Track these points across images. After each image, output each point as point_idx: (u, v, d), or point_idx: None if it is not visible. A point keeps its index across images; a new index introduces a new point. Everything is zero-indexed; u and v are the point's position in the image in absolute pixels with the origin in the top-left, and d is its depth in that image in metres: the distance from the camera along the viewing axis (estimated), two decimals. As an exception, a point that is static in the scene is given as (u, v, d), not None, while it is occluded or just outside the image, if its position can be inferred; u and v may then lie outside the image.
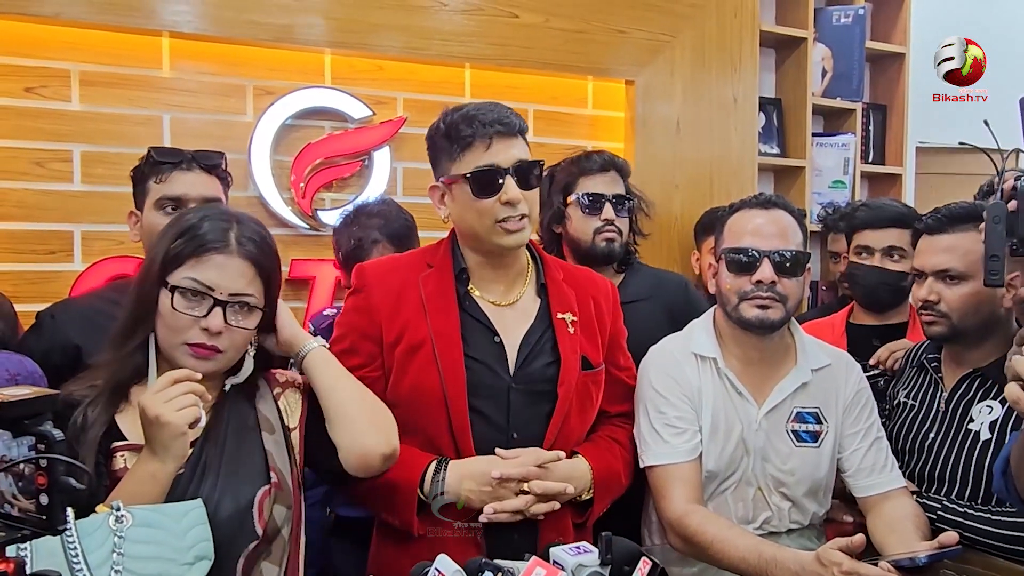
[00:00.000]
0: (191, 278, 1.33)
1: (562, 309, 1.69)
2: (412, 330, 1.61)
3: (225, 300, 1.34)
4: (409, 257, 1.75)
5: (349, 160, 2.77)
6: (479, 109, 1.59)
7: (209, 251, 1.34)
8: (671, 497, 1.69)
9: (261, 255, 1.39)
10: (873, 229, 2.33)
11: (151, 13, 2.43)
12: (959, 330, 1.77)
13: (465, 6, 2.80)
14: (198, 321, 1.33)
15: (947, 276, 1.76)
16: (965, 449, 1.77)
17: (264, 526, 1.33)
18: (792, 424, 1.77)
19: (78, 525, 1.12)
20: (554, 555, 1.35)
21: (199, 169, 1.88)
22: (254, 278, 1.38)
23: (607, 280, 1.84)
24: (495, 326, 1.65)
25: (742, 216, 1.78)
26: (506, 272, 1.68)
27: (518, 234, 1.60)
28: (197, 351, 1.34)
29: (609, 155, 2.33)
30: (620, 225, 2.24)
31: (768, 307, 1.70)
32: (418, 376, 1.60)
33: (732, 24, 3.19)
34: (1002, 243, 1.30)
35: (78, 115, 2.45)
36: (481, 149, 1.57)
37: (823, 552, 1.44)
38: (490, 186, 1.56)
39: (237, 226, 1.39)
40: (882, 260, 2.30)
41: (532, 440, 1.63)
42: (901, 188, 3.73)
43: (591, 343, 1.71)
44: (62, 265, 2.43)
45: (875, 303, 2.36)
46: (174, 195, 1.84)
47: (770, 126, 3.47)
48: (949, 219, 1.76)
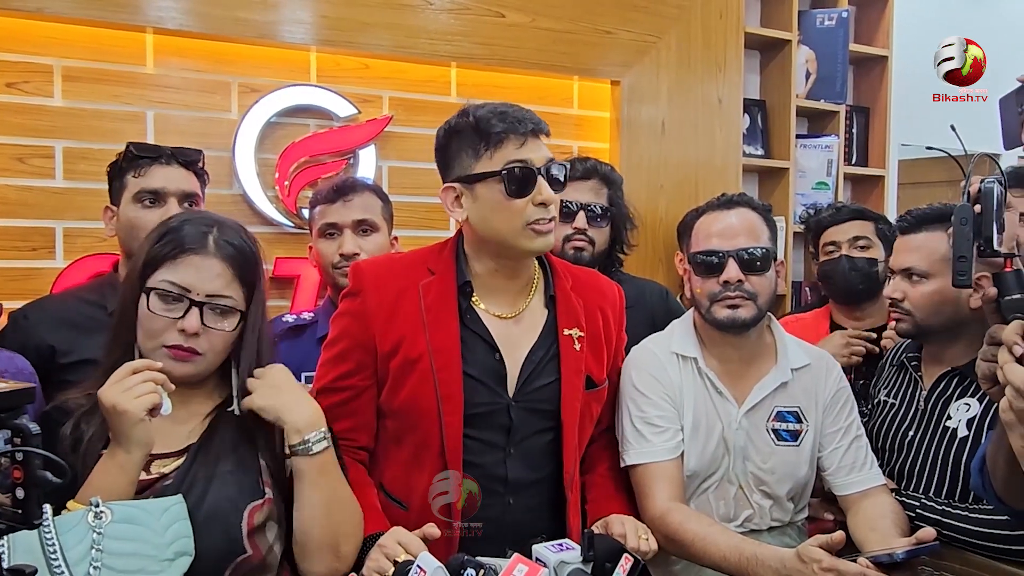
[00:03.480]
0: (167, 280, 1.32)
1: (569, 324, 1.64)
2: (409, 343, 1.56)
3: (202, 301, 1.33)
4: (410, 258, 1.66)
5: (334, 158, 2.76)
6: (507, 106, 1.54)
7: (186, 252, 1.33)
8: (653, 495, 1.70)
9: (240, 256, 1.38)
10: (837, 224, 2.44)
11: (135, 9, 2.42)
12: (923, 328, 1.81)
13: (451, 5, 2.80)
14: (175, 323, 1.32)
15: (912, 274, 1.80)
16: (943, 446, 1.79)
17: (253, 541, 1.31)
18: (772, 423, 1.78)
19: (56, 521, 1.12)
20: (536, 552, 1.36)
21: (177, 164, 1.88)
22: (232, 279, 1.36)
23: (614, 285, 1.80)
24: (497, 342, 1.59)
25: (707, 219, 1.80)
26: (515, 282, 1.63)
27: (547, 236, 1.54)
28: (175, 353, 1.33)
29: (594, 163, 2.32)
30: (593, 235, 2.24)
31: (738, 306, 1.72)
32: (414, 392, 1.56)
33: (717, 26, 3.20)
34: (970, 244, 1.32)
35: (60, 111, 2.43)
36: (514, 146, 1.51)
37: (803, 549, 1.46)
38: (525, 185, 1.50)
39: (217, 229, 1.38)
40: (849, 250, 2.40)
41: (530, 458, 1.61)
42: (883, 190, 3.76)
43: (596, 360, 1.67)
44: (44, 262, 2.41)
45: (851, 293, 2.42)
46: (153, 188, 1.84)
47: (754, 127, 3.49)
48: (920, 219, 1.81)
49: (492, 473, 1.59)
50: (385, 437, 1.64)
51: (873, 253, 2.39)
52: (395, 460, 1.63)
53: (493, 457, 1.59)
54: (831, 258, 2.43)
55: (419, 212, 2.84)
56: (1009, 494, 1.45)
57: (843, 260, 2.39)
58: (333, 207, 2.15)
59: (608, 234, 2.31)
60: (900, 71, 3.76)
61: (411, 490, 1.60)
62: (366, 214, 2.15)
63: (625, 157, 3.19)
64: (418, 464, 1.59)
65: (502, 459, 1.59)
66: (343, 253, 2.10)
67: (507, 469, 1.60)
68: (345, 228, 2.13)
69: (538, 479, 1.63)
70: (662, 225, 3.18)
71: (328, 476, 1.37)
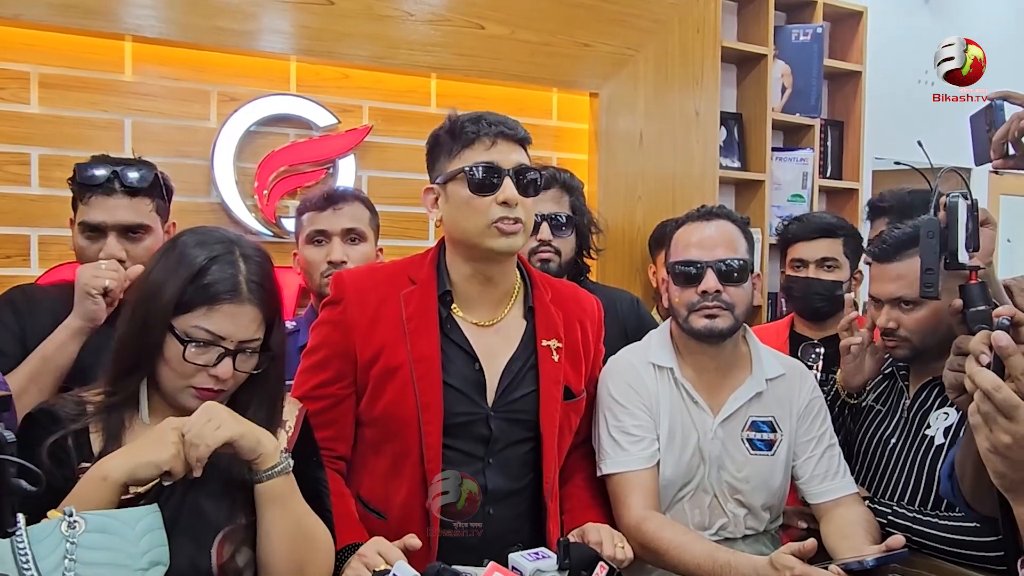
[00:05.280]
0: (203, 328, 1.30)
1: (548, 335, 1.65)
2: (390, 351, 1.57)
3: (236, 350, 1.33)
4: (391, 268, 1.68)
5: (314, 168, 2.77)
6: (486, 113, 1.58)
7: (220, 301, 1.31)
8: (629, 504, 1.71)
9: (268, 296, 1.37)
10: (804, 241, 2.46)
11: (113, 16, 2.41)
12: (920, 351, 1.82)
13: (432, 16, 2.81)
14: (207, 368, 1.31)
15: (902, 303, 1.80)
16: (919, 454, 1.81)
17: (221, 565, 1.30)
18: (747, 433, 1.80)
19: (30, 531, 1.11)
20: (512, 561, 1.37)
21: (121, 193, 1.78)
22: (261, 320, 1.35)
23: (592, 298, 1.82)
24: (476, 351, 1.60)
25: (686, 229, 1.81)
26: (493, 290, 1.63)
27: (511, 238, 1.54)
28: (202, 394, 1.32)
29: (552, 171, 2.31)
30: (559, 245, 2.24)
31: (716, 316, 1.74)
32: (394, 400, 1.56)
33: (694, 40, 3.25)
34: (936, 257, 1.35)
35: (37, 118, 2.41)
36: (483, 147, 1.54)
37: (776, 557, 1.48)
38: (488, 183, 1.52)
39: (244, 266, 1.35)
40: (816, 271, 2.42)
41: (509, 468, 1.61)
42: (858, 202, 3.81)
43: (575, 370, 1.69)
44: (18, 270, 2.39)
45: (813, 313, 2.46)
46: (92, 222, 1.78)
47: (731, 140, 3.53)
48: (895, 246, 1.80)
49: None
50: (363, 446, 1.64)
51: (838, 275, 2.41)
52: (373, 470, 1.63)
53: (472, 467, 1.59)
54: (796, 275, 2.46)
55: (399, 222, 2.85)
56: (976, 499, 1.48)
57: (808, 281, 2.42)
58: (323, 215, 2.16)
59: (574, 242, 2.31)
60: (873, 86, 3.83)
61: (389, 500, 1.60)
62: (355, 223, 2.17)
63: (603, 168, 3.22)
64: (397, 473, 1.59)
65: (481, 469, 1.59)
66: (331, 260, 2.11)
67: (486, 479, 1.60)
68: (334, 236, 2.15)
69: (517, 489, 1.64)
70: (639, 236, 3.20)
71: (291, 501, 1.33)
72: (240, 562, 1.33)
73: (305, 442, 1.45)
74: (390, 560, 1.37)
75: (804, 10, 3.70)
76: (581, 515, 1.69)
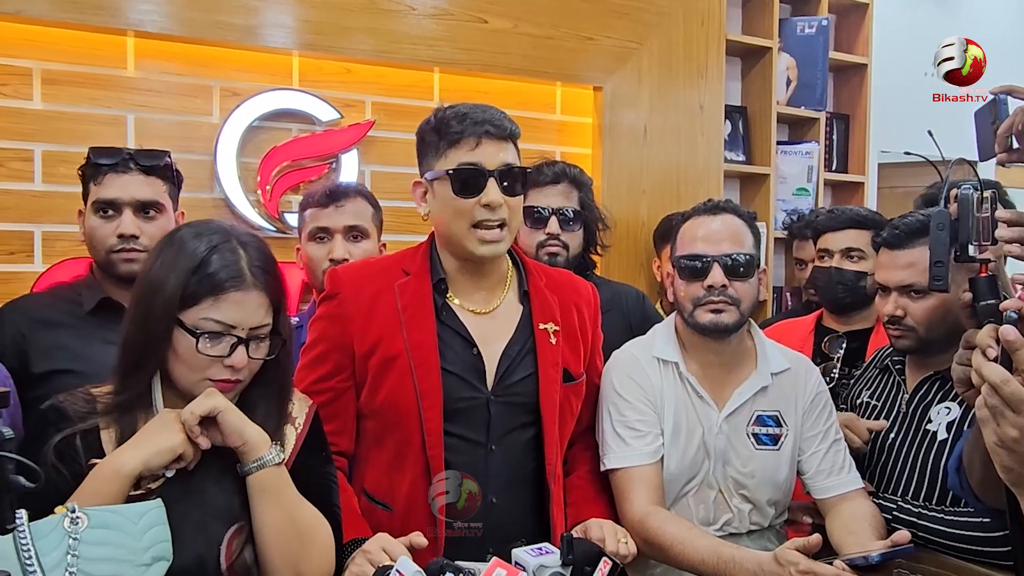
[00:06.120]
0: (212, 319, 1.29)
1: (544, 319, 1.66)
2: (387, 342, 1.57)
3: (248, 337, 1.32)
4: (385, 262, 1.70)
5: (316, 163, 2.76)
6: (473, 108, 1.56)
7: (226, 290, 1.30)
8: (632, 499, 1.70)
9: (272, 280, 1.36)
10: (832, 232, 2.40)
11: (116, 12, 2.41)
12: (926, 341, 1.80)
13: (434, 10, 2.81)
14: (221, 359, 1.30)
15: (911, 291, 1.79)
16: (923, 449, 1.80)
17: (231, 563, 1.29)
18: (752, 427, 1.80)
19: (32, 527, 1.11)
20: (516, 556, 1.36)
21: (136, 170, 1.82)
22: (268, 305, 1.35)
23: (588, 284, 1.82)
24: (474, 337, 1.60)
25: (692, 223, 1.81)
26: (486, 279, 1.64)
27: (493, 245, 1.55)
28: (221, 386, 1.31)
29: (563, 166, 2.31)
30: (567, 239, 2.24)
31: (722, 311, 1.73)
32: (393, 390, 1.57)
33: (699, 32, 3.23)
34: (946, 249, 1.34)
35: (40, 114, 2.41)
36: (468, 147, 1.53)
37: (780, 552, 1.47)
38: (472, 186, 1.52)
39: (244, 253, 1.34)
40: (840, 261, 2.36)
41: (511, 455, 1.61)
42: (863, 196, 3.80)
43: (573, 353, 1.69)
44: (22, 266, 2.40)
45: (836, 304, 2.40)
46: (107, 198, 1.80)
47: (736, 134, 3.51)
48: (908, 233, 1.78)
49: (474, 471, 1.59)
50: (366, 439, 1.65)
51: (864, 265, 2.33)
52: (377, 462, 1.63)
53: (474, 454, 1.59)
54: (821, 265, 2.40)
55: (401, 216, 2.84)
56: (985, 492, 1.47)
57: (831, 272, 2.36)
58: (325, 211, 2.16)
59: (581, 237, 2.31)
60: (879, 78, 3.81)
61: (394, 491, 1.60)
62: (357, 220, 2.16)
63: (607, 162, 3.21)
64: (400, 464, 1.59)
65: (483, 456, 1.60)
66: (333, 258, 2.11)
67: (488, 466, 1.60)
68: (336, 233, 2.14)
69: (520, 477, 1.64)
70: (644, 230, 3.20)
71: (285, 492, 1.33)
72: (249, 558, 1.33)
73: (315, 438, 1.45)
74: (394, 556, 1.37)
75: (809, 2, 3.67)
76: (585, 508, 1.69)
